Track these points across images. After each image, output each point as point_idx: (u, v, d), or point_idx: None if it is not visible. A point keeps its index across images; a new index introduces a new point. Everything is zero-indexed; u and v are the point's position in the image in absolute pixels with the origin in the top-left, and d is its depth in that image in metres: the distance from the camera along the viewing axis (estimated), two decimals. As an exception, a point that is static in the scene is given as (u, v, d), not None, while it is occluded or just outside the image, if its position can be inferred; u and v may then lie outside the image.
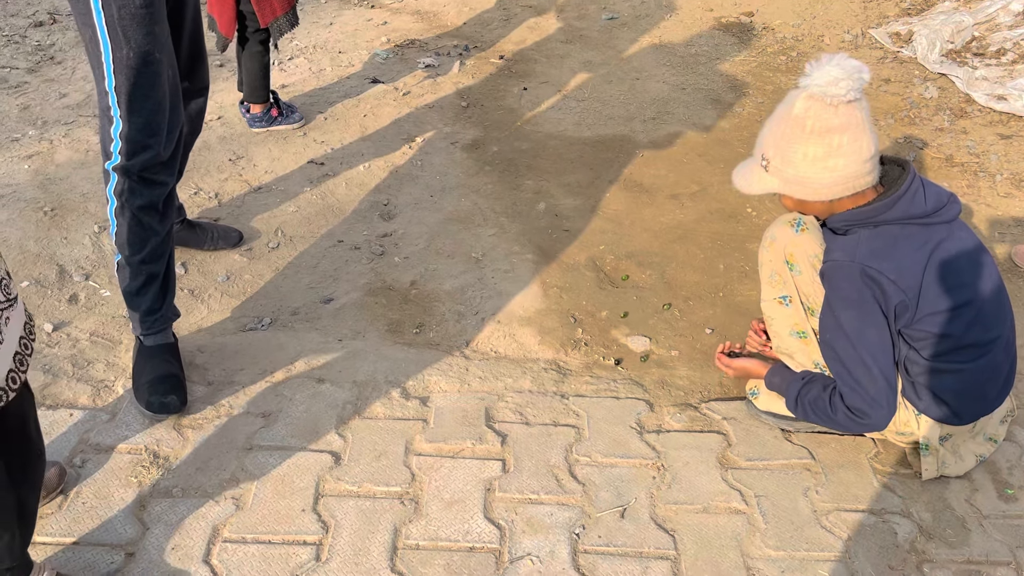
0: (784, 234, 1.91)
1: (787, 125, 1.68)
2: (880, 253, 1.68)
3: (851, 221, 1.72)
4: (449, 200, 2.99)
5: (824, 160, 1.66)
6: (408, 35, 4.15)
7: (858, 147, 1.64)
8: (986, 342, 1.74)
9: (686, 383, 2.26)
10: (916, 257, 1.68)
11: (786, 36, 4.23)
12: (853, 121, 1.62)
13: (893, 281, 1.66)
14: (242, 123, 3.32)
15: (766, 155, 1.74)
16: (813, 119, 1.63)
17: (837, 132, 1.63)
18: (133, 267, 2.06)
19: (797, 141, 1.67)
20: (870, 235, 1.70)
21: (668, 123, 3.49)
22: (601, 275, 2.66)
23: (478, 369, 2.27)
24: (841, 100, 1.61)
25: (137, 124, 1.91)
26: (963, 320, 1.71)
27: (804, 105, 1.64)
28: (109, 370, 2.19)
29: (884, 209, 1.68)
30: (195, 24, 2.18)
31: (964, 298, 1.70)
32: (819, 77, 1.61)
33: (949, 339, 1.72)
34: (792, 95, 1.69)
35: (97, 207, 2.80)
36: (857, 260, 1.69)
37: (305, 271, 2.63)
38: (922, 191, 1.69)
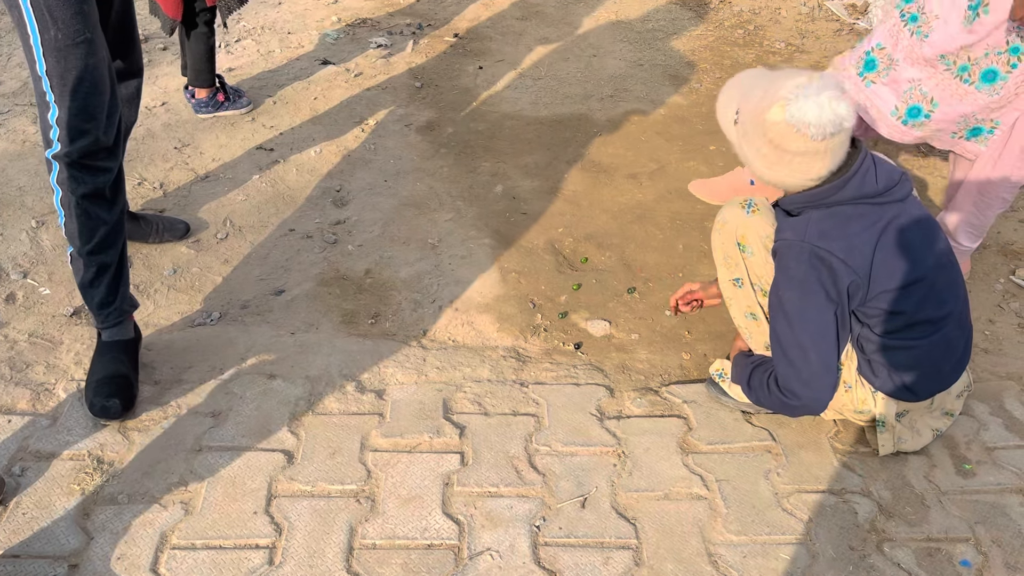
0: (735, 216, 1.88)
1: (756, 116, 1.61)
2: (829, 233, 1.66)
3: (802, 203, 1.70)
4: (404, 184, 2.92)
5: (771, 165, 1.64)
6: (359, 14, 4.04)
7: (807, 169, 1.62)
8: (939, 318, 1.74)
9: (646, 367, 2.23)
10: (866, 236, 1.66)
11: (743, 9, 4.20)
12: (812, 150, 1.58)
13: (843, 260, 1.65)
14: (187, 109, 3.21)
15: (739, 115, 1.68)
16: (775, 133, 1.59)
17: (792, 154, 1.60)
18: (84, 258, 1.98)
19: (757, 136, 1.63)
20: (820, 216, 1.68)
21: (626, 101, 3.44)
22: (560, 258, 2.62)
23: (435, 359, 2.22)
24: (807, 136, 1.56)
25: (73, 109, 1.82)
26: (915, 297, 1.70)
27: (775, 117, 1.58)
28: (49, 372, 2.11)
29: (835, 191, 1.65)
30: (124, 3, 2.09)
31: (915, 275, 1.69)
32: (798, 108, 1.54)
33: (902, 316, 1.71)
34: (780, 87, 1.59)
35: (34, 201, 2.69)
36: (807, 240, 1.67)
37: (255, 262, 2.55)
38: (873, 170, 1.67)
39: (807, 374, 1.73)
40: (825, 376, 1.73)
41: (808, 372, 1.72)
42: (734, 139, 1.71)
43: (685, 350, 2.29)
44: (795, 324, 1.70)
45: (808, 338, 1.71)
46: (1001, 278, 2.58)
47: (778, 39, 3.94)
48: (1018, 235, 2.75)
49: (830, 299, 1.67)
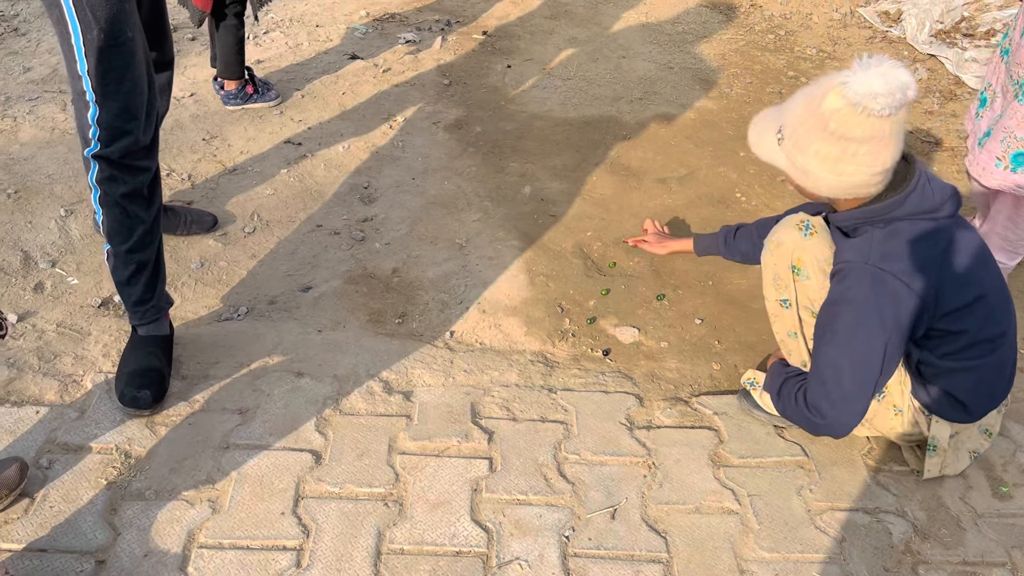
0: (792, 238, 1.83)
1: (811, 114, 1.58)
2: (892, 255, 1.62)
3: (860, 219, 1.66)
4: (432, 183, 2.90)
5: (835, 163, 1.58)
6: (387, 8, 4.02)
7: (873, 159, 1.56)
8: (997, 335, 1.73)
9: (676, 376, 2.21)
10: (929, 255, 1.63)
11: (774, 14, 4.16)
12: (878, 134, 1.53)
13: (906, 284, 1.61)
14: (216, 100, 3.20)
15: (784, 130, 1.65)
16: (838, 122, 1.54)
17: (857, 142, 1.55)
18: (121, 257, 1.97)
19: (815, 136, 1.58)
20: (882, 236, 1.64)
21: (655, 104, 3.41)
22: (588, 262, 2.60)
23: (463, 361, 2.20)
24: (873, 113, 1.51)
25: (114, 109, 1.81)
26: (978, 315, 1.68)
27: (834, 104, 1.54)
28: (77, 364, 2.10)
29: (895, 206, 1.62)
30: None
31: (977, 292, 1.67)
32: (860, 83, 1.50)
33: (965, 335, 1.69)
34: (828, 82, 1.56)
35: (64, 189, 2.68)
36: (871, 262, 1.63)
37: (283, 258, 2.53)
38: (929, 185, 1.64)
39: (837, 395, 1.69)
40: (856, 402, 1.69)
41: (839, 394, 1.69)
42: (782, 161, 1.66)
43: (715, 360, 2.26)
44: (840, 344, 1.67)
45: (849, 361, 1.67)
46: (1036, 296, 2.54)
47: (809, 45, 3.90)
48: (1054, 252, 2.70)
49: (884, 328, 1.63)
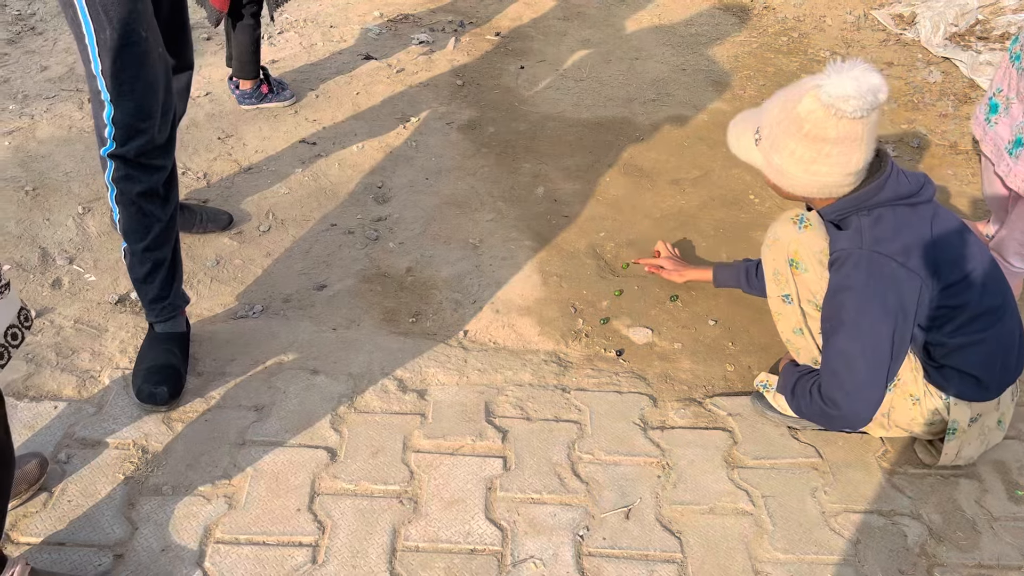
0: (787, 232, 1.85)
1: (787, 116, 1.65)
2: (884, 238, 1.68)
3: (844, 209, 1.72)
4: (445, 183, 2.91)
5: (809, 164, 1.66)
6: (401, 9, 4.04)
7: (846, 160, 1.64)
8: (998, 306, 1.76)
9: (689, 377, 2.21)
10: (918, 234, 1.68)
11: (787, 16, 4.15)
12: (851, 136, 1.61)
13: (902, 264, 1.65)
14: (231, 100, 3.22)
15: (761, 130, 1.73)
16: (812, 124, 1.62)
17: (831, 143, 1.62)
18: (138, 255, 1.99)
19: (790, 137, 1.66)
20: (869, 222, 1.70)
21: (668, 105, 3.41)
22: (601, 263, 2.60)
23: (477, 361, 2.21)
24: (845, 115, 1.59)
25: (128, 108, 1.82)
26: (975, 287, 1.71)
27: (808, 107, 1.61)
28: (95, 360, 2.11)
29: (875, 192, 1.68)
30: None
31: (971, 266, 1.71)
32: (833, 86, 1.58)
33: (967, 308, 1.72)
34: (804, 85, 1.65)
35: (81, 187, 2.70)
36: (864, 247, 1.68)
37: (297, 256, 2.55)
38: (902, 175, 1.71)
39: (851, 384, 1.71)
40: (869, 390, 1.70)
41: (852, 383, 1.70)
42: (759, 161, 1.75)
43: (729, 361, 2.26)
44: (847, 332, 1.69)
45: (858, 348, 1.69)
46: (1051, 300, 2.53)
47: (822, 47, 3.90)
48: (1069, 256, 2.69)
49: (888, 312, 1.65)
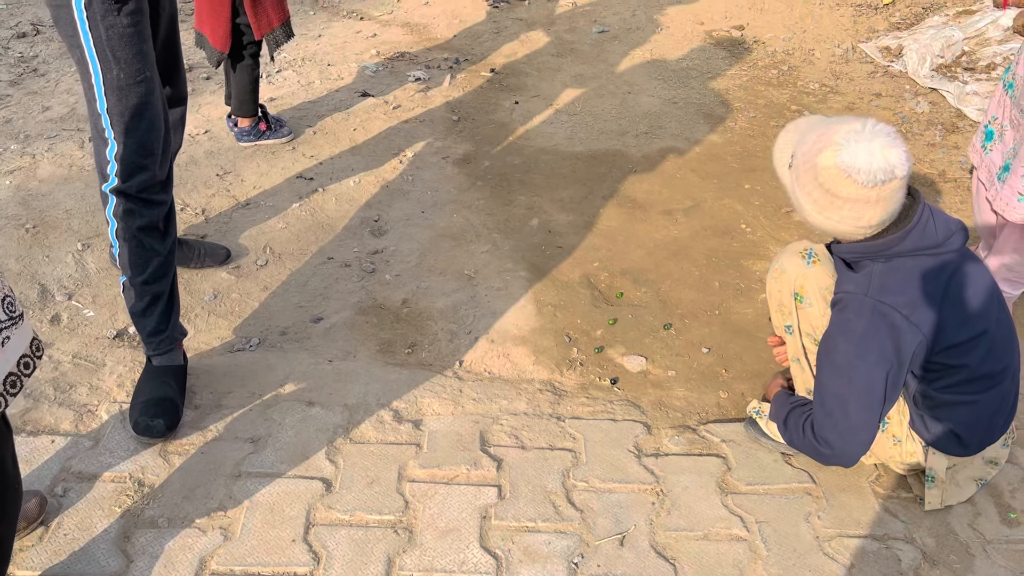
0: (795, 265, 1.86)
1: (809, 159, 1.59)
2: (893, 288, 1.63)
3: (861, 253, 1.67)
4: (441, 216, 2.95)
5: (823, 210, 1.61)
6: (398, 48, 4.11)
7: (858, 217, 1.58)
8: (998, 372, 1.72)
9: (683, 404, 2.22)
10: (930, 289, 1.63)
11: (777, 50, 4.23)
12: (863, 199, 1.55)
13: (906, 317, 1.61)
14: (230, 137, 3.27)
15: (795, 158, 1.65)
16: (827, 178, 1.57)
17: (842, 200, 1.57)
18: (137, 288, 2.02)
19: (809, 181, 1.60)
20: (883, 269, 1.65)
21: (661, 138, 3.46)
22: (596, 293, 2.63)
23: (472, 390, 2.23)
24: (857, 183, 1.54)
25: (132, 145, 1.87)
26: (979, 350, 1.67)
27: (826, 161, 1.56)
28: (92, 394, 2.13)
29: (896, 243, 1.62)
30: (171, 32, 2.13)
31: (980, 328, 1.66)
32: (848, 153, 1.53)
33: (965, 370, 1.69)
34: (833, 134, 1.57)
35: (81, 224, 2.74)
36: (870, 295, 1.64)
37: (294, 289, 2.58)
38: (932, 221, 1.64)
39: (844, 427, 1.71)
40: (862, 432, 1.71)
41: (845, 425, 1.70)
42: (788, 183, 1.69)
43: (723, 388, 2.28)
44: (843, 376, 1.68)
45: (853, 392, 1.68)
46: (1042, 324, 2.55)
47: (812, 80, 3.96)
48: (1058, 281, 2.72)
49: (885, 358, 1.63)
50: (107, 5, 1.73)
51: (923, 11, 4.44)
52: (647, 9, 4.54)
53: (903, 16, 4.45)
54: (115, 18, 1.75)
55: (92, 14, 1.73)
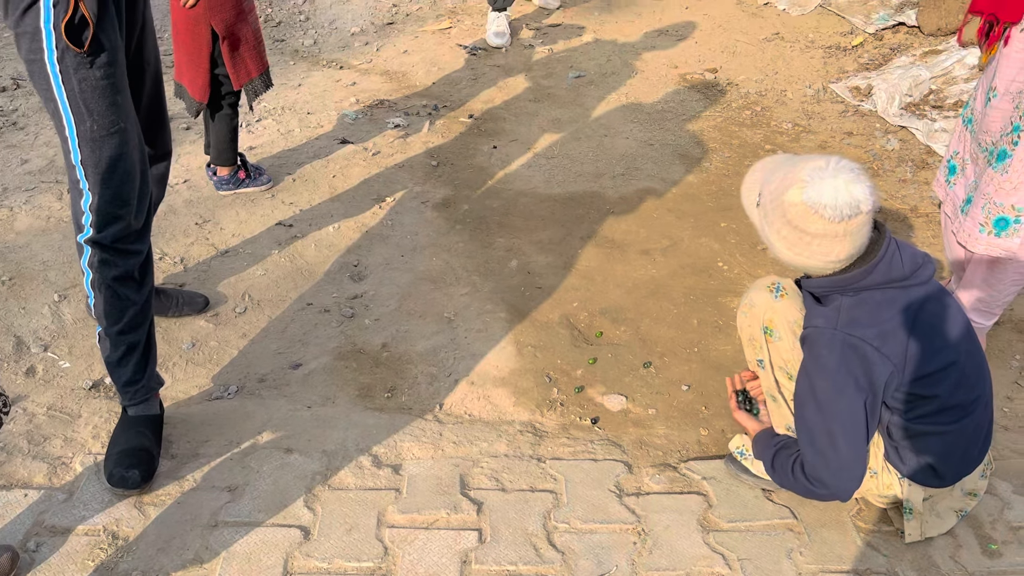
0: (763, 300, 1.89)
1: (776, 197, 1.62)
2: (861, 320, 1.65)
3: (829, 288, 1.68)
4: (420, 259, 2.96)
5: (792, 246, 1.63)
6: (377, 95, 4.16)
7: (827, 251, 1.60)
8: (969, 402, 1.72)
9: (664, 442, 2.22)
10: (899, 321, 1.65)
11: (750, 91, 4.31)
12: (831, 233, 1.57)
13: (876, 348, 1.63)
14: (209, 186, 3.29)
15: (761, 196, 1.68)
16: (795, 215, 1.59)
17: (811, 236, 1.59)
18: (112, 338, 2.01)
19: (777, 218, 1.63)
20: (851, 303, 1.66)
21: (637, 179, 3.51)
22: (575, 332, 2.64)
23: (452, 433, 2.22)
24: (824, 218, 1.56)
25: (107, 196, 1.88)
26: (948, 381, 1.68)
27: (792, 199, 1.59)
28: (67, 446, 2.11)
29: (862, 276, 1.64)
30: (155, 88, 2.16)
31: (949, 359, 1.67)
32: (814, 190, 1.55)
33: (935, 400, 1.69)
34: (798, 171, 1.59)
35: (58, 275, 2.73)
36: (839, 328, 1.65)
37: (273, 336, 2.57)
38: (899, 254, 1.66)
39: (836, 464, 1.70)
40: (854, 467, 1.70)
41: (837, 462, 1.69)
42: (757, 221, 1.71)
43: (703, 426, 2.28)
44: (826, 413, 1.68)
45: (839, 427, 1.68)
46: (1017, 355, 2.57)
47: (785, 120, 4.04)
48: (1032, 311, 2.76)
49: (860, 388, 1.65)
50: (80, 58, 1.75)
51: (891, 52, 4.55)
52: (622, 54, 4.63)
53: (871, 57, 4.56)
54: (88, 71, 1.77)
55: (65, 67, 1.75)
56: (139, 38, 2.02)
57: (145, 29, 2.04)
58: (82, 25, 1.74)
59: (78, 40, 1.74)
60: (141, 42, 2.03)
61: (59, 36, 1.73)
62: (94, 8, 1.75)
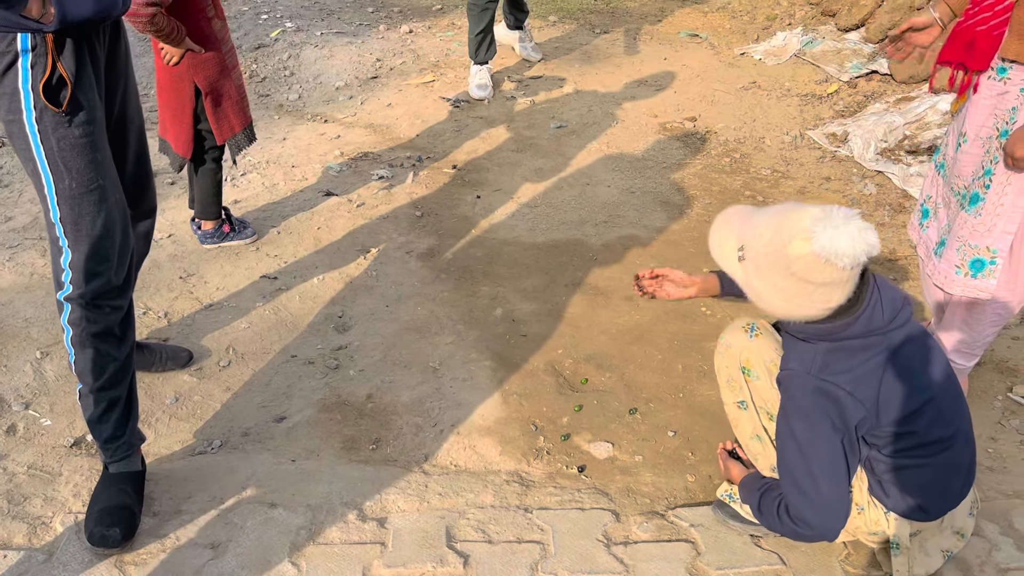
0: (738, 340, 1.91)
1: (776, 252, 1.59)
2: (834, 365, 1.66)
3: (809, 335, 1.69)
4: (405, 309, 2.97)
5: (791, 297, 1.61)
6: (361, 148, 4.21)
7: (828, 298, 1.60)
8: (948, 436, 1.74)
9: (651, 489, 2.21)
10: (872, 365, 1.66)
11: (729, 139, 4.39)
12: (838, 280, 1.57)
13: (849, 393, 1.64)
14: (193, 240, 3.30)
15: (746, 250, 1.66)
16: (801, 267, 1.57)
17: (815, 285, 1.58)
18: (93, 395, 2.00)
19: (776, 271, 1.61)
20: (828, 347, 1.67)
21: (619, 226, 3.55)
22: (561, 380, 2.64)
23: (438, 485, 2.20)
24: (837, 267, 1.55)
25: (86, 252, 1.88)
26: (925, 418, 1.70)
27: (800, 251, 1.56)
28: (47, 505, 2.08)
29: (844, 328, 1.65)
30: (140, 146, 2.17)
31: (924, 397, 1.69)
32: (828, 240, 1.53)
33: (913, 436, 1.71)
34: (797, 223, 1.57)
35: (40, 332, 2.72)
36: (812, 373, 1.66)
37: (257, 389, 2.56)
38: (880, 303, 1.66)
39: (819, 503, 1.70)
40: (838, 505, 1.71)
41: (820, 501, 1.70)
42: (740, 277, 1.69)
43: (690, 472, 2.27)
44: (804, 452, 1.69)
45: (819, 467, 1.69)
46: (999, 395, 2.59)
47: (764, 166, 4.10)
48: (1012, 352, 2.78)
49: (836, 428, 1.66)
50: (58, 117, 1.77)
51: (865, 99, 4.66)
52: (603, 104, 4.71)
53: (846, 104, 4.66)
54: (66, 130, 1.79)
55: (43, 127, 1.77)
56: (122, 97, 2.04)
57: (128, 88, 2.06)
58: (60, 85, 1.76)
59: (56, 100, 1.76)
60: (124, 101, 2.05)
61: (37, 96, 1.75)
62: (72, 68, 1.77)
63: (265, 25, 5.74)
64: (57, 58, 1.74)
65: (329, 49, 5.31)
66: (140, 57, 5.21)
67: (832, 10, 5.37)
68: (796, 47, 5.26)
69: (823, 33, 5.31)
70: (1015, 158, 2.05)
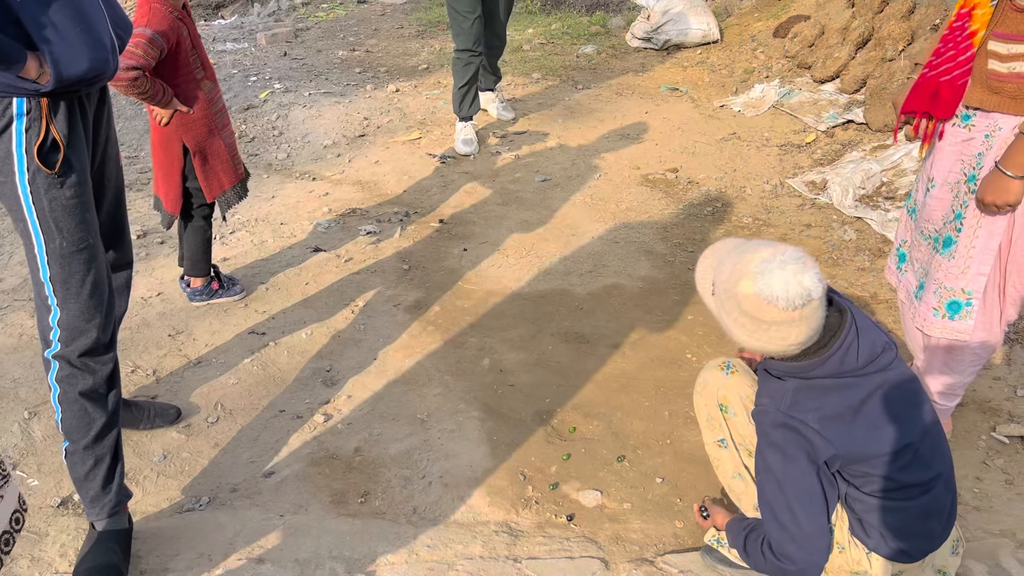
0: (715, 378, 1.94)
1: (729, 288, 1.65)
2: (804, 404, 1.68)
3: (783, 372, 1.73)
4: (393, 362, 2.98)
5: (750, 333, 1.66)
6: (349, 204, 4.27)
7: (784, 336, 1.63)
8: (927, 480, 1.74)
9: (640, 536, 2.21)
10: (843, 406, 1.67)
11: (710, 189, 4.47)
12: (786, 320, 1.60)
13: (816, 431, 1.66)
14: (182, 298, 3.32)
15: (715, 286, 1.71)
16: (749, 306, 1.62)
17: (767, 324, 1.62)
18: (79, 452, 2.01)
19: (732, 308, 1.66)
20: (799, 385, 1.70)
21: (604, 276, 3.59)
22: (549, 429, 2.65)
23: (426, 537, 2.19)
24: (777, 307, 1.60)
25: (74, 311, 1.91)
26: (901, 462, 1.71)
27: (745, 290, 1.62)
28: (34, 566, 2.06)
29: (813, 367, 1.68)
30: (116, 203, 2.21)
31: (902, 443, 1.69)
32: (763, 283, 1.59)
33: (888, 480, 1.72)
34: (747, 263, 1.63)
35: (28, 392, 2.72)
36: (782, 409, 1.69)
37: (245, 444, 2.56)
38: (855, 346, 1.68)
39: (800, 537, 1.72)
40: (818, 538, 1.72)
41: (800, 535, 1.72)
42: (714, 309, 1.74)
43: (678, 518, 2.27)
44: (782, 487, 1.71)
45: (796, 501, 1.71)
46: (983, 435, 2.62)
47: (745, 214, 4.18)
48: (994, 392, 2.82)
49: (811, 461, 1.68)
50: (51, 179, 1.81)
51: (842, 147, 4.77)
52: (586, 157, 4.81)
53: (824, 153, 4.77)
54: (58, 191, 1.83)
55: (36, 188, 1.81)
56: (102, 157, 2.08)
57: (107, 149, 2.10)
58: (54, 148, 1.81)
59: (49, 162, 1.81)
60: (103, 161, 2.09)
61: (31, 159, 1.79)
62: (65, 131, 1.82)
63: (254, 87, 5.86)
64: (51, 121, 1.79)
65: (317, 109, 5.42)
66: (131, 120, 5.30)
67: (808, 63, 5.53)
68: (774, 99, 5.39)
69: (800, 85, 5.45)
70: (985, 204, 2.12)
